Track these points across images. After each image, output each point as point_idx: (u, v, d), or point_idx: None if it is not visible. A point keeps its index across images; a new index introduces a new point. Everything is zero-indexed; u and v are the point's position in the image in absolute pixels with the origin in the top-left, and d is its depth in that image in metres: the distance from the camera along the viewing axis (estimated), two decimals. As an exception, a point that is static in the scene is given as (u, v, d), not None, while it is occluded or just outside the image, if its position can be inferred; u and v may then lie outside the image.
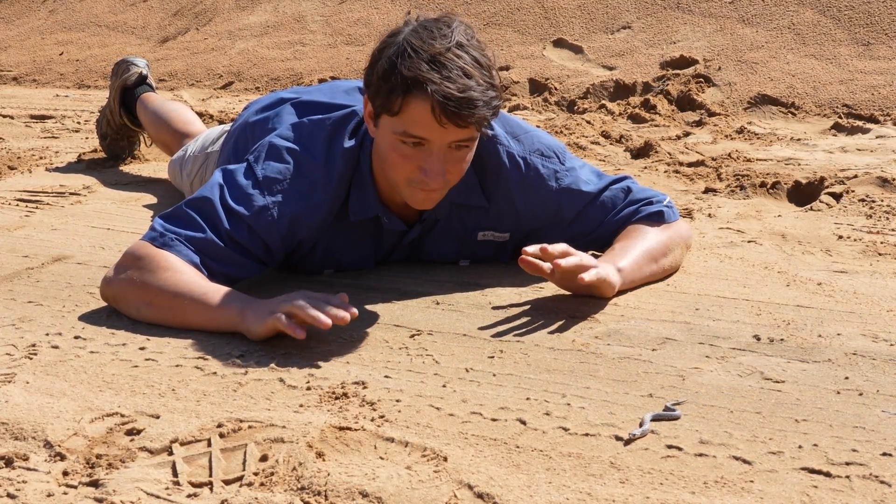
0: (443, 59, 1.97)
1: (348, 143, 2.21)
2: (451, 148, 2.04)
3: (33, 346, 1.99)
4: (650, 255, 2.30)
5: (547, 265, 2.13)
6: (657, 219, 2.36)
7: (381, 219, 2.29)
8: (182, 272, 2.06)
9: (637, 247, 2.28)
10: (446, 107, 1.95)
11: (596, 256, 2.27)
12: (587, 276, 2.07)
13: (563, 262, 2.07)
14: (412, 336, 2.05)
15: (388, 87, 2.00)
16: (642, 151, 3.85)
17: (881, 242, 2.68)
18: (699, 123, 4.46)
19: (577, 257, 2.10)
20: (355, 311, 1.90)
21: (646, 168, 3.64)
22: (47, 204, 3.22)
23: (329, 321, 1.86)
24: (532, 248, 2.08)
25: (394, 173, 2.09)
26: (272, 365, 1.88)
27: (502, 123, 2.33)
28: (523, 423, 1.65)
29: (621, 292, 2.24)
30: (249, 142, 2.51)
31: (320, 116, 2.29)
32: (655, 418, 1.63)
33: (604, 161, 3.78)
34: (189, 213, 2.15)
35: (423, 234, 2.38)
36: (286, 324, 1.90)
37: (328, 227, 2.28)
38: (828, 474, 1.48)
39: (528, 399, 1.74)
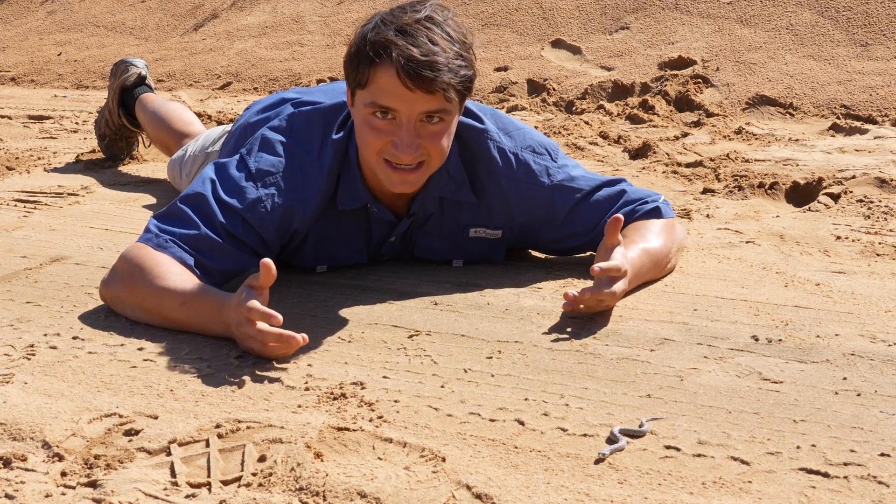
0: (410, 28, 2.00)
1: (336, 135, 2.22)
2: (422, 122, 2.04)
3: (31, 346, 1.99)
4: (655, 261, 2.30)
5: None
6: (654, 215, 2.36)
7: (369, 208, 2.29)
8: (173, 276, 2.05)
9: (642, 249, 2.27)
10: (409, 68, 1.96)
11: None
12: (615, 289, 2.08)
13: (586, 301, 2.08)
14: (410, 336, 2.05)
15: (357, 59, 2.04)
16: (640, 152, 3.85)
17: (879, 243, 2.68)
18: (697, 124, 4.46)
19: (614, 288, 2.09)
20: (302, 337, 1.87)
21: (644, 169, 3.64)
22: (45, 204, 3.22)
23: (276, 353, 1.88)
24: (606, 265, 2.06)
25: (367, 151, 2.10)
26: (270, 365, 1.88)
27: (494, 120, 2.34)
28: (521, 423, 1.65)
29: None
30: (249, 142, 2.51)
31: (310, 108, 2.30)
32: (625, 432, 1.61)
33: (602, 161, 3.78)
34: (183, 210, 2.15)
35: (414, 229, 2.38)
36: (259, 352, 1.90)
37: (319, 218, 2.28)
38: (826, 475, 1.48)
39: (526, 399, 1.74)
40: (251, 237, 2.17)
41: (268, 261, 1.86)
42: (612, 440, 1.58)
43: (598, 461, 1.51)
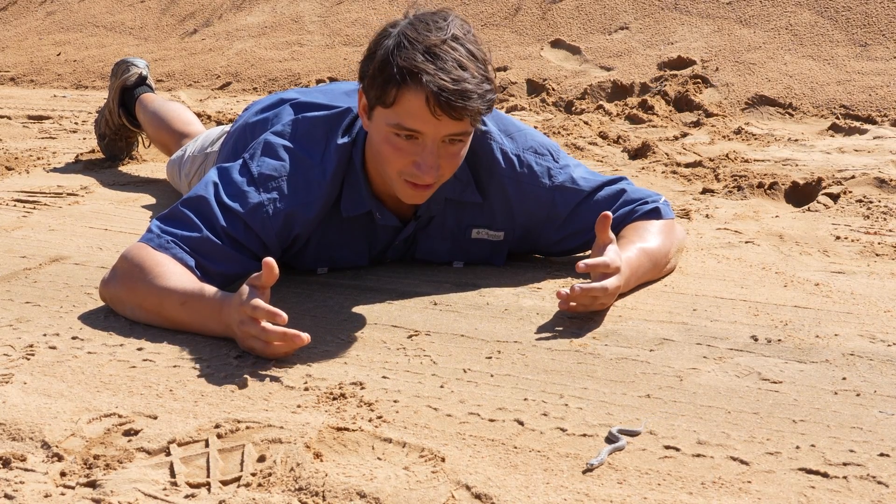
0: (438, 50, 1.98)
1: (341, 140, 2.22)
2: (444, 142, 2.05)
3: (31, 346, 1.99)
4: (654, 262, 2.30)
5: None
6: (654, 216, 2.36)
7: (374, 214, 2.29)
8: (173, 276, 2.05)
9: (640, 249, 2.27)
10: (440, 98, 1.95)
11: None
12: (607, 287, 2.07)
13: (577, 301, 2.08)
14: (410, 337, 2.05)
15: (382, 78, 2.01)
16: (640, 152, 3.85)
17: (878, 243, 2.68)
18: (697, 124, 4.46)
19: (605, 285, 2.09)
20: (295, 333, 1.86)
21: (643, 169, 3.64)
22: (45, 204, 3.22)
23: (281, 351, 1.88)
24: (593, 261, 2.06)
25: (387, 167, 2.10)
26: (270, 365, 1.88)
27: (496, 121, 2.34)
28: (521, 423, 1.65)
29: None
30: (249, 142, 2.51)
31: (315, 114, 2.30)
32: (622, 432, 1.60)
33: (601, 162, 3.78)
34: (185, 213, 2.15)
35: (418, 231, 2.38)
36: (261, 352, 1.90)
37: (322, 222, 2.28)
38: (825, 475, 1.48)
39: (525, 399, 1.74)
40: (252, 241, 2.17)
41: (270, 260, 1.86)
42: (610, 440, 1.58)
43: (585, 471, 1.50)
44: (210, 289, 2.03)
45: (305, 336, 1.85)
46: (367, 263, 2.44)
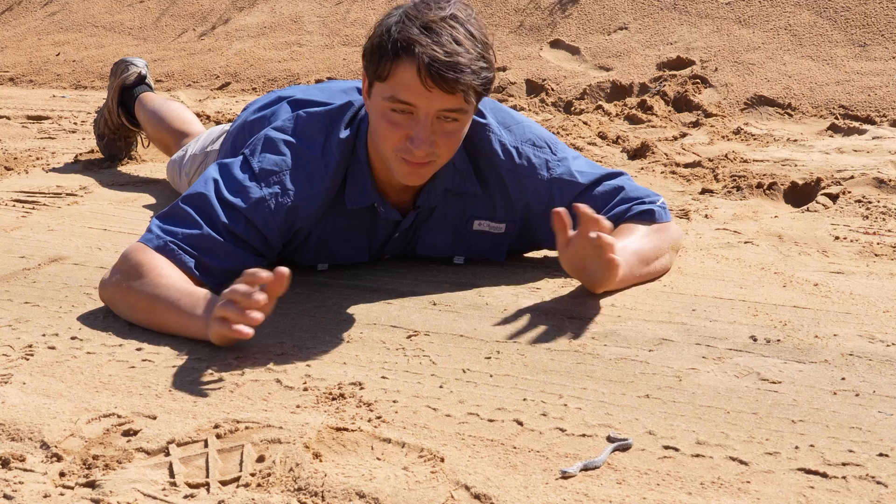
0: (435, 26, 2.00)
1: (344, 133, 2.23)
2: (439, 119, 2.05)
3: (30, 346, 1.99)
4: (642, 259, 2.30)
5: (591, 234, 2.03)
6: (648, 218, 2.35)
7: (376, 207, 2.30)
8: (168, 279, 2.05)
9: (629, 248, 2.28)
10: (431, 69, 1.97)
11: None
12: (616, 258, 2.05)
13: (607, 237, 2.01)
14: (409, 337, 2.05)
15: (379, 52, 2.04)
16: (639, 152, 3.85)
17: (877, 243, 2.68)
18: (696, 124, 4.46)
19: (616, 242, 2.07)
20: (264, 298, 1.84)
21: (643, 169, 3.64)
22: (44, 205, 3.22)
23: (250, 331, 1.83)
24: (586, 209, 2.01)
25: (383, 144, 2.10)
26: (269, 366, 1.89)
27: (494, 113, 2.35)
28: (520, 423, 1.65)
29: (609, 292, 2.23)
30: (248, 140, 2.51)
31: (315, 109, 2.30)
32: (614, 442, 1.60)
33: (601, 162, 3.78)
34: (185, 210, 2.15)
35: (419, 223, 2.38)
36: (229, 331, 1.85)
37: (324, 216, 2.28)
38: (824, 475, 1.48)
39: (524, 400, 1.74)
40: (254, 237, 2.17)
41: (285, 270, 1.83)
42: (611, 439, 1.58)
43: (559, 478, 1.49)
44: (202, 290, 2.03)
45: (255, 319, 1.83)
46: (368, 259, 2.44)
